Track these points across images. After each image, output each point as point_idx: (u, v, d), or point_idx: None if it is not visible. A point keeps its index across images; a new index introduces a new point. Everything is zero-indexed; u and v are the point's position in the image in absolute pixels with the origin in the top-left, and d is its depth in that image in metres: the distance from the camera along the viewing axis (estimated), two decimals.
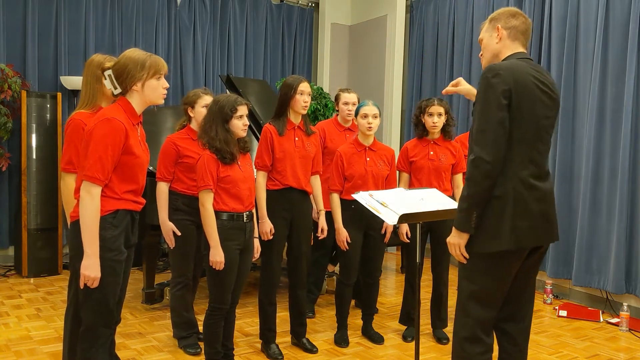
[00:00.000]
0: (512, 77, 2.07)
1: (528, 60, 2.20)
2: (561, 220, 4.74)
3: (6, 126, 4.99)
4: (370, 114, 3.42)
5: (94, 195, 2.15)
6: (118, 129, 2.17)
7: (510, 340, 2.30)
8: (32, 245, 5.02)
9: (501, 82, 2.05)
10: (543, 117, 2.14)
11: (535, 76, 2.13)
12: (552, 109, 2.19)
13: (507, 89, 2.05)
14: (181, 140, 3.37)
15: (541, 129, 2.14)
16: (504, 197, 2.09)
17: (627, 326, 4.03)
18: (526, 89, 2.08)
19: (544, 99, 2.14)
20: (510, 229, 2.08)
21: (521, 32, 2.24)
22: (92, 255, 2.15)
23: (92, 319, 2.23)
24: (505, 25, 2.24)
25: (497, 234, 2.08)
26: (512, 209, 2.08)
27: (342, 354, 3.47)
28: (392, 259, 6.30)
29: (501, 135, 2.04)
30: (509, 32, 2.24)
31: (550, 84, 2.19)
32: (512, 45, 2.24)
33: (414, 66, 6.47)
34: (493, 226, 2.09)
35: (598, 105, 4.46)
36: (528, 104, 2.09)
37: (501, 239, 2.08)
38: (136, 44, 5.80)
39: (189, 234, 3.39)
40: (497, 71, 2.07)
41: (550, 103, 2.17)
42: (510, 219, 2.08)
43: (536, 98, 2.11)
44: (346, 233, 3.42)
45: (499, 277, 2.16)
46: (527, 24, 2.27)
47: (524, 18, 2.26)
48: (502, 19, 2.25)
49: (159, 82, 2.30)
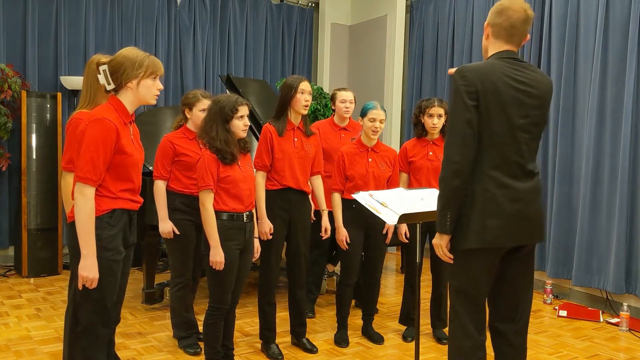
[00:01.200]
0: (479, 79, 2.08)
1: (508, 59, 2.17)
2: (561, 220, 4.75)
3: (6, 126, 4.99)
4: (378, 118, 3.45)
5: (87, 196, 2.15)
6: (109, 128, 2.17)
7: (504, 341, 2.30)
8: (32, 245, 5.02)
9: (467, 84, 2.09)
10: (518, 116, 2.12)
11: (510, 75, 2.12)
12: (533, 107, 2.15)
13: (474, 91, 2.08)
14: (178, 139, 3.39)
15: (517, 128, 2.12)
16: (472, 196, 2.12)
17: (627, 326, 4.03)
18: (496, 89, 2.09)
19: (521, 98, 2.13)
20: (478, 228, 2.10)
21: (504, 29, 2.19)
22: (89, 256, 2.14)
23: (90, 319, 2.23)
24: (491, 22, 2.23)
25: (466, 232, 2.12)
26: (482, 208, 2.10)
27: (342, 354, 3.47)
28: (392, 259, 6.30)
29: (469, 135, 2.08)
30: (492, 29, 2.22)
31: (532, 82, 2.16)
32: (495, 42, 2.22)
33: (414, 66, 6.46)
34: (464, 224, 2.13)
35: (598, 105, 4.46)
36: (498, 104, 2.09)
37: (469, 237, 2.11)
38: (136, 44, 5.80)
39: (188, 233, 3.39)
40: (464, 73, 2.10)
41: (531, 101, 2.15)
42: (480, 218, 2.10)
43: (509, 97, 2.10)
44: (346, 232, 3.42)
45: (475, 274, 2.18)
46: (513, 19, 2.17)
47: (511, 12, 2.17)
48: (490, 15, 2.25)
49: (154, 83, 2.30)
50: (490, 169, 2.12)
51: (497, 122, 2.10)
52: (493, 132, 2.11)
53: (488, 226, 2.10)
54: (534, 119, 2.17)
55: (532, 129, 2.17)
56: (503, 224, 2.11)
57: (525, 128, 2.15)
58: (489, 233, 2.10)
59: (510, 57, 2.18)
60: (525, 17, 2.18)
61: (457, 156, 2.08)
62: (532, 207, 2.18)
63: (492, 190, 2.11)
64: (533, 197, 2.19)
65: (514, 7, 2.18)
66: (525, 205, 2.16)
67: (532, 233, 2.20)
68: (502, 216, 2.11)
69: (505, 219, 2.12)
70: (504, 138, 2.12)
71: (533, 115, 2.16)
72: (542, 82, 2.20)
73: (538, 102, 2.17)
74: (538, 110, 2.18)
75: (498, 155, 2.12)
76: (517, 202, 2.14)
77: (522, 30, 2.20)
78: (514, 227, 2.14)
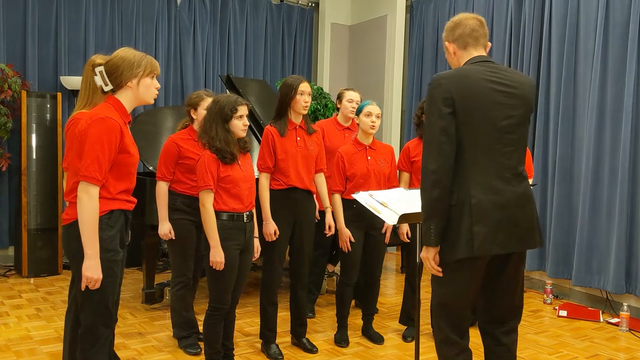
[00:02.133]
0: (455, 85, 2.07)
1: (484, 62, 2.17)
2: (561, 220, 4.75)
3: (6, 126, 4.99)
4: (374, 113, 3.44)
5: (92, 196, 2.15)
6: (113, 127, 2.17)
7: (494, 341, 2.28)
8: (32, 245, 5.02)
9: (442, 92, 2.07)
10: (501, 118, 2.10)
11: (489, 78, 2.11)
12: (515, 108, 2.13)
13: (449, 97, 2.05)
14: (183, 141, 3.37)
15: (500, 130, 2.10)
16: (459, 205, 2.08)
17: (627, 326, 4.03)
18: (475, 93, 2.07)
19: (502, 99, 2.10)
20: (467, 237, 2.05)
21: (468, 35, 2.20)
22: (94, 256, 2.14)
23: (92, 319, 2.24)
24: (450, 38, 2.25)
25: (454, 243, 2.07)
26: (469, 216, 2.05)
27: (342, 354, 3.47)
28: (392, 259, 6.30)
29: (444, 142, 2.05)
30: (457, 43, 2.23)
31: (511, 82, 2.14)
32: (465, 52, 2.22)
33: (414, 66, 6.46)
34: (451, 235, 2.08)
35: (598, 105, 4.46)
36: (478, 107, 2.07)
37: (458, 248, 2.06)
38: (136, 44, 5.80)
39: (189, 233, 3.39)
40: (439, 81, 2.09)
41: (512, 102, 2.12)
42: (468, 226, 2.05)
43: (489, 100, 2.08)
44: (349, 233, 3.42)
45: (462, 285, 2.14)
46: (472, 25, 2.20)
47: (465, 22, 2.21)
48: (446, 34, 2.27)
49: (152, 82, 2.31)
50: (476, 175, 2.08)
51: (479, 126, 2.08)
52: (476, 137, 2.08)
53: (477, 233, 2.04)
54: (517, 120, 2.14)
55: (517, 130, 2.14)
56: (490, 231, 2.05)
57: (509, 129, 2.12)
58: (476, 240, 2.04)
59: (484, 60, 2.18)
60: (480, 22, 2.23)
61: (433, 165, 2.05)
62: (521, 212, 2.12)
63: (478, 196, 2.06)
64: (523, 202, 2.13)
65: (466, 17, 2.24)
66: (514, 211, 2.10)
67: (521, 239, 2.13)
68: (489, 223, 2.05)
69: (493, 225, 2.06)
70: (488, 141, 2.08)
71: (516, 115, 2.13)
72: (522, 82, 2.18)
73: (520, 102, 2.15)
74: (521, 110, 2.15)
75: (483, 159, 2.08)
76: (505, 207, 2.08)
77: (483, 33, 2.22)
78: (503, 234, 2.08)
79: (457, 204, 2.08)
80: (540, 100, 4.94)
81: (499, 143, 2.10)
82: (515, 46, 5.20)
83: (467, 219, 2.06)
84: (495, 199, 2.08)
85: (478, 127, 2.08)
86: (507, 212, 2.09)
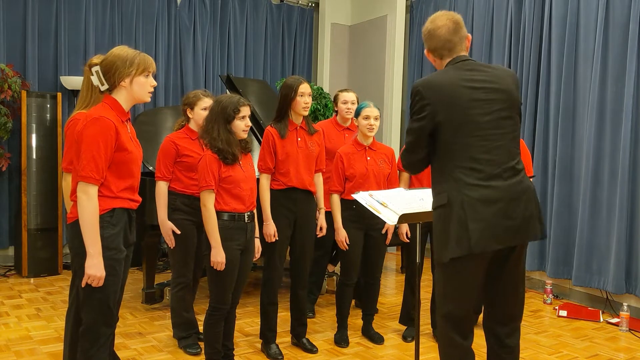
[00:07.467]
0: (432, 90, 2.13)
1: (462, 62, 2.20)
2: (561, 220, 4.75)
3: (6, 126, 4.99)
4: (372, 115, 3.43)
5: (90, 195, 2.16)
6: (108, 126, 2.18)
7: (497, 342, 2.29)
8: (32, 245, 5.02)
9: (419, 99, 2.15)
10: (482, 114, 2.12)
11: (466, 77, 2.14)
12: (496, 102, 2.14)
13: (426, 104, 2.13)
14: (180, 140, 3.38)
15: (482, 127, 2.11)
16: (449, 205, 2.10)
17: (627, 326, 4.03)
18: (452, 95, 2.11)
19: (480, 96, 2.13)
20: (460, 234, 2.06)
21: (442, 48, 2.23)
22: (96, 255, 2.15)
23: (93, 318, 2.24)
24: (430, 48, 2.29)
25: (447, 242, 2.09)
26: (461, 214, 2.07)
27: (342, 354, 3.47)
28: (392, 259, 6.30)
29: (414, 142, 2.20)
30: (435, 53, 2.28)
31: (490, 77, 2.16)
32: (443, 61, 2.27)
33: (414, 66, 6.46)
34: (445, 235, 2.10)
35: (598, 105, 4.46)
36: (459, 107, 2.11)
37: (451, 246, 2.08)
38: (136, 44, 5.80)
39: (189, 233, 3.39)
40: (417, 88, 2.17)
41: (493, 96, 2.14)
42: (460, 225, 2.07)
43: (468, 98, 2.11)
44: (345, 233, 3.42)
45: (461, 283, 2.15)
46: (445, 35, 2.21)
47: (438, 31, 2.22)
48: (426, 45, 2.30)
49: (147, 80, 2.30)
50: (465, 173, 2.09)
51: (462, 126, 2.10)
52: (461, 137, 2.10)
53: (471, 230, 2.05)
54: (501, 114, 2.15)
55: (504, 124, 2.15)
56: (485, 227, 2.06)
57: (494, 124, 2.13)
58: (472, 238, 2.04)
59: (463, 60, 2.21)
60: (454, 26, 2.23)
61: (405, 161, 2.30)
62: (517, 205, 2.11)
63: (468, 194, 2.07)
64: (517, 194, 2.12)
65: (438, 24, 2.23)
66: (507, 205, 2.09)
67: (518, 232, 2.13)
68: (483, 219, 2.06)
69: (486, 221, 2.06)
70: (473, 139, 2.10)
71: (500, 109, 2.14)
72: (502, 77, 2.19)
73: (502, 96, 2.16)
74: (503, 104, 2.16)
75: (471, 157, 2.10)
76: (497, 202, 2.08)
77: (460, 37, 2.24)
78: (498, 229, 2.08)
79: (448, 203, 2.10)
80: (540, 100, 4.94)
81: (485, 140, 2.12)
82: (515, 46, 5.20)
83: (460, 217, 2.07)
84: (488, 194, 2.08)
85: (461, 127, 2.11)
86: (499, 207, 2.09)
